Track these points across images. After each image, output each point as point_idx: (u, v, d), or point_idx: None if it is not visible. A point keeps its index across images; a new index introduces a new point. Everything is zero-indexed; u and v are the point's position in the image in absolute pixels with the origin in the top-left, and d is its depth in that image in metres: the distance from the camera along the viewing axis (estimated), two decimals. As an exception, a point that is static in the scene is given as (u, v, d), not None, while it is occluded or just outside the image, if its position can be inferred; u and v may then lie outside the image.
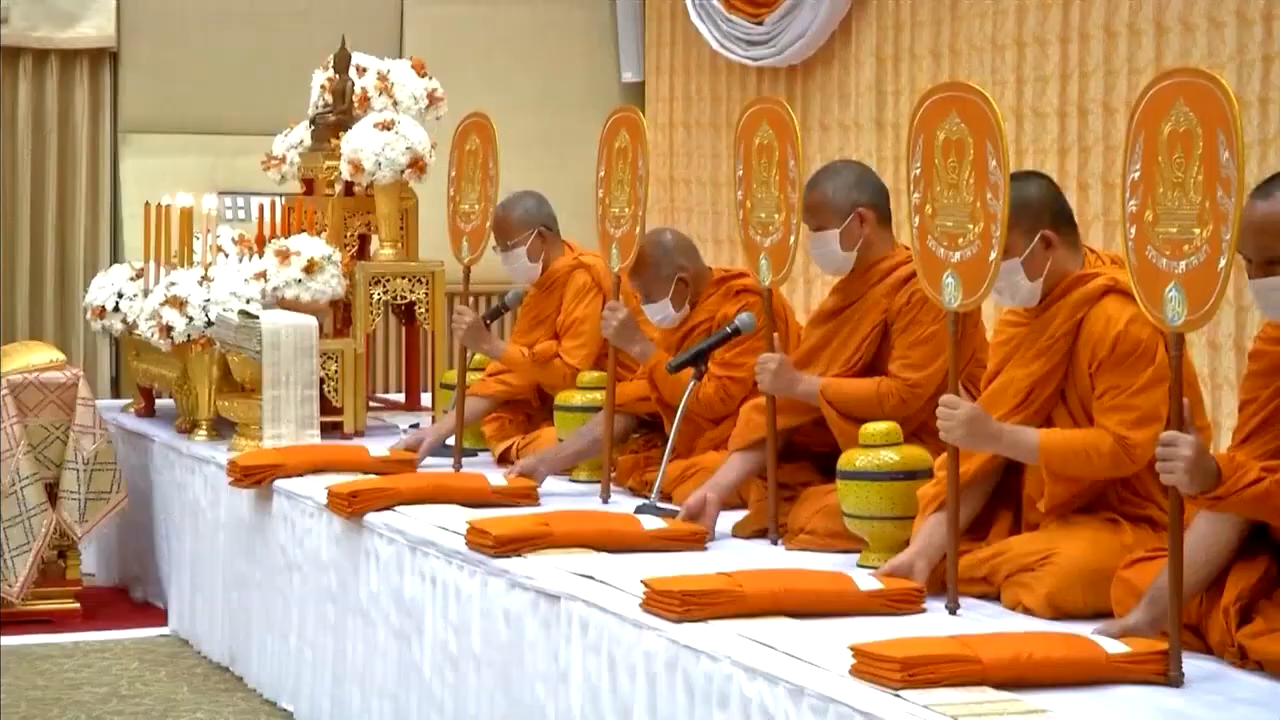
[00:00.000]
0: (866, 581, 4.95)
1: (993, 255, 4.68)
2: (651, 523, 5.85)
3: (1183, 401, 4.28)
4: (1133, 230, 4.32)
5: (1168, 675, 4.11)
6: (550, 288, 7.56)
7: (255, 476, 7.23)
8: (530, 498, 6.44)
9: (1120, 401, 4.88)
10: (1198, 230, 4.18)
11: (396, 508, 6.37)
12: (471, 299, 7.20)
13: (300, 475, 7.15)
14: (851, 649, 4.16)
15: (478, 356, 7.95)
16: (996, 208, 4.61)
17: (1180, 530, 4.30)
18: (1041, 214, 4.98)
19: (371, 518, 6.46)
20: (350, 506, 6.33)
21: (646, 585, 4.90)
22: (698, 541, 5.77)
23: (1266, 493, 4.26)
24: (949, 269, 4.80)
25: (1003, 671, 4.05)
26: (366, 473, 7.00)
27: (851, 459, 5.46)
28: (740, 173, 5.98)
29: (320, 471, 7.12)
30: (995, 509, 5.20)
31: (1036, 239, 4.95)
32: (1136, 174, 4.31)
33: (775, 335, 5.92)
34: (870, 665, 4.10)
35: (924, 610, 4.87)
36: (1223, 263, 4.11)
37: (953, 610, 4.83)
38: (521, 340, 7.55)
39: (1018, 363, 5.09)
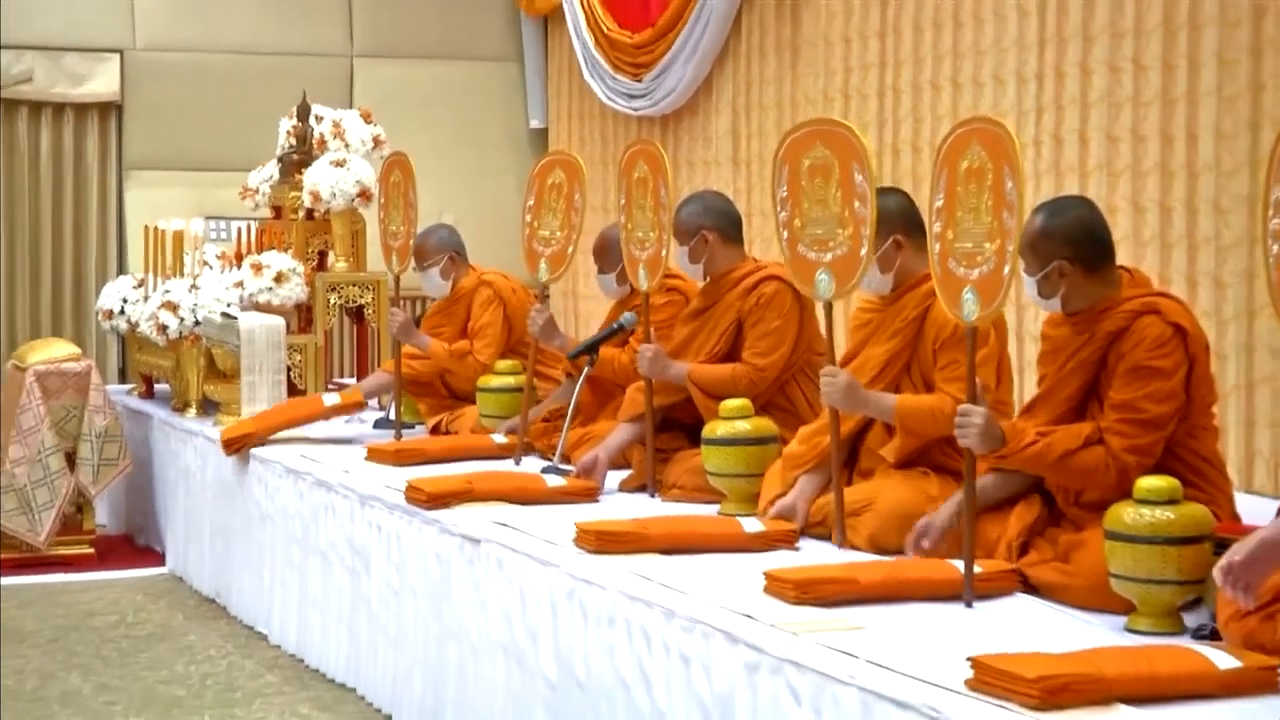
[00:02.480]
0: (751, 524, 4.95)
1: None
2: (554, 480, 5.83)
3: (975, 381, 4.30)
4: (936, 247, 4.33)
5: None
6: (459, 300, 7.55)
7: (235, 445, 7.25)
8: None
9: (960, 373, 4.84)
10: (988, 244, 4.19)
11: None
12: (403, 301, 7.18)
13: (270, 436, 7.24)
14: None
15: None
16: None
17: (974, 481, 4.32)
18: (895, 222, 4.96)
19: (326, 478, 6.44)
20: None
21: (578, 526, 4.89)
22: (591, 496, 5.75)
23: (1040, 453, 4.29)
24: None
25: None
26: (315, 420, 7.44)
27: (714, 429, 5.46)
28: (623, 200, 5.96)
29: (285, 428, 7.27)
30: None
31: (889, 242, 4.95)
32: (940, 202, 4.32)
33: (653, 329, 5.93)
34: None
35: (798, 548, 4.84)
36: (1006, 269, 4.13)
37: (840, 545, 4.82)
38: (440, 336, 7.49)
39: (875, 342, 5.08)
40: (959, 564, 4.23)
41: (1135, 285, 4.46)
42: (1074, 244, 4.33)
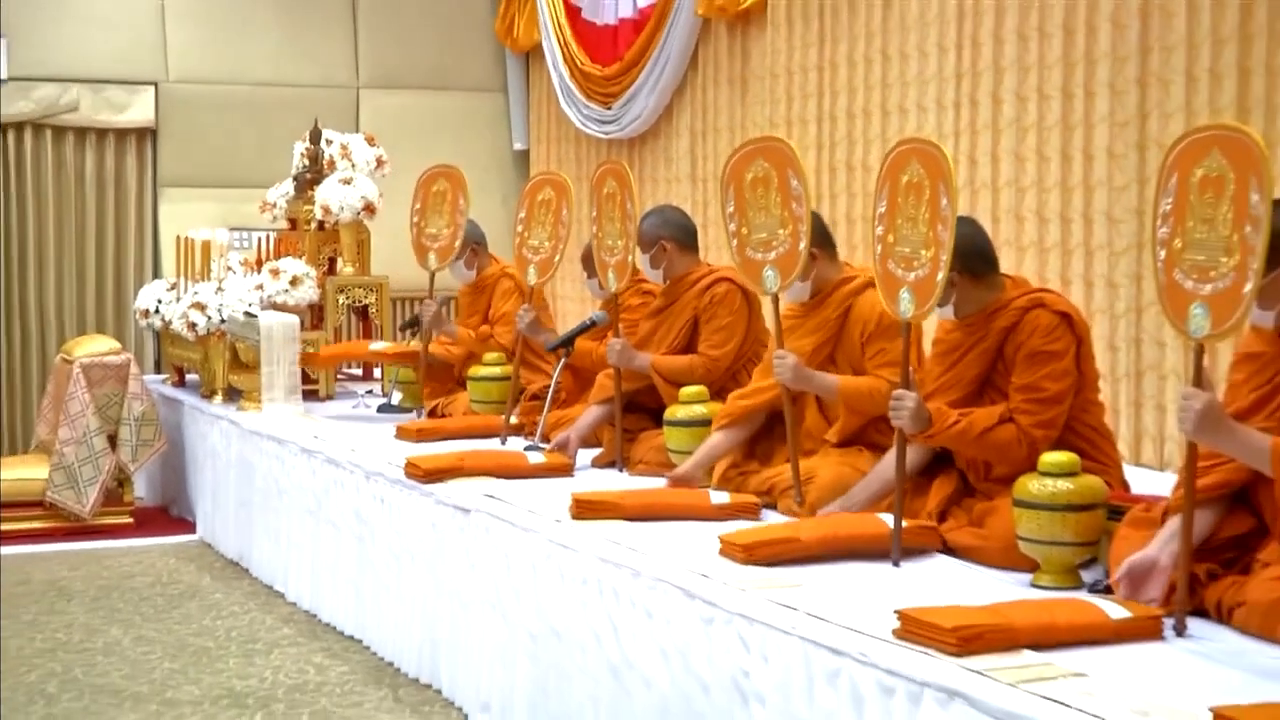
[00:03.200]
0: (717, 497, 4.91)
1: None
2: (535, 457, 5.81)
3: (909, 370, 4.29)
4: (878, 248, 4.30)
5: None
6: (482, 289, 7.49)
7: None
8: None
9: (888, 359, 4.88)
10: (924, 251, 4.16)
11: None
12: (435, 295, 7.04)
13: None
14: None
15: (415, 342, 7.98)
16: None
17: (904, 459, 4.31)
18: (812, 237, 4.95)
19: (336, 457, 6.41)
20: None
21: (573, 496, 4.87)
22: (566, 470, 5.73)
23: (962, 431, 4.28)
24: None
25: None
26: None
27: (674, 412, 5.47)
28: (594, 213, 5.94)
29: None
30: (774, 444, 5.19)
31: (807, 256, 4.93)
32: (883, 208, 4.29)
33: (620, 325, 5.92)
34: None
35: (761, 518, 4.81)
36: (940, 276, 4.10)
37: (801, 505, 4.80)
38: (466, 324, 7.46)
39: (798, 337, 5.07)
40: (888, 518, 4.23)
41: (1017, 286, 4.47)
42: (962, 257, 4.28)
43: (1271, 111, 5.68)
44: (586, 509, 4.82)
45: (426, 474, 5.62)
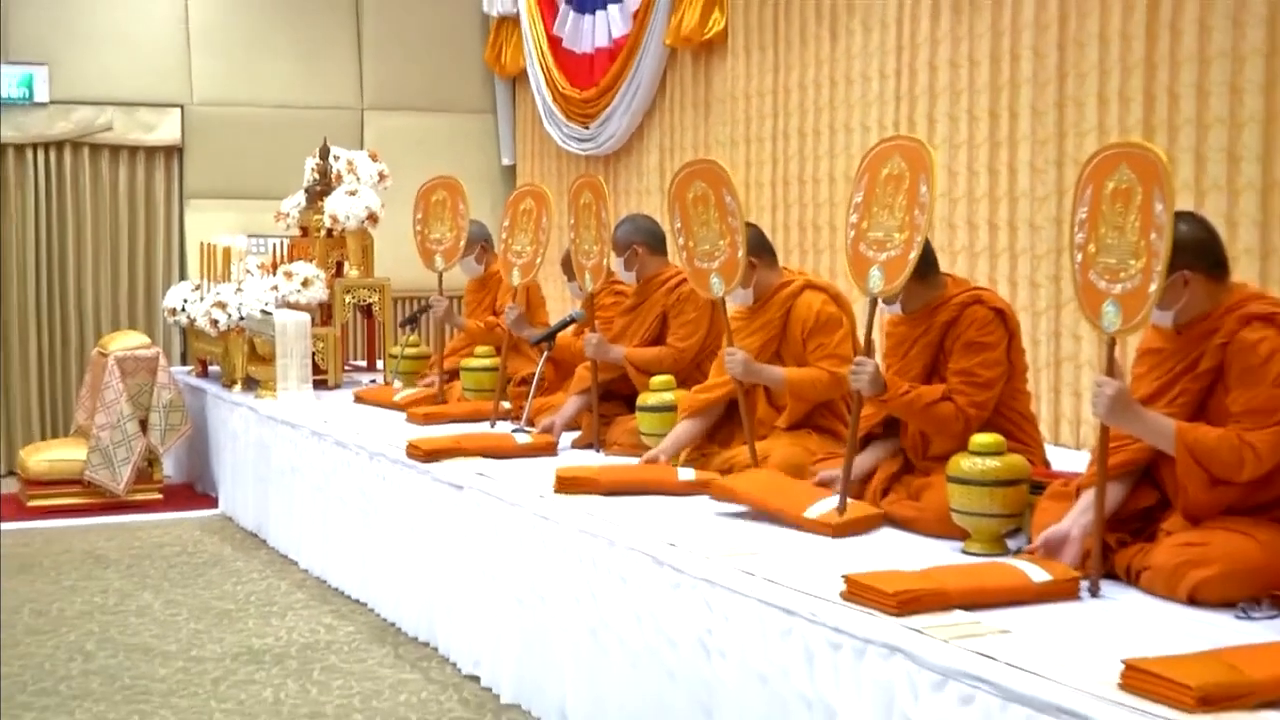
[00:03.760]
0: (684, 473, 4.90)
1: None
2: (522, 438, 5.79)
3: (871, 340, 4.34)
4: (851, 234, 4.29)
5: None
6: (487, 285, 7.48)
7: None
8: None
9: (828, 352, 4.92)
10: (897, 235, 4.15)
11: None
12: (439, 294, 7.02)
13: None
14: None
15: (412, 338, 7.96)
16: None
17: (857, 427, 4.31)
18: (749, 246, 4.94)
19: (343, 439, 6.38)
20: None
21: (556, 473, 4.87)
22: (550, 450, 5.71)
23: (910, 401, 4.28)
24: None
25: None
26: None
27: (645, 398, 5.44)
28: (572, 221, 5.92)
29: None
30: (733, 430, 5.18)
31: (746, 265, 4.91)
32: (859, 198, 4.28)
33: (596, 322, 5.90)
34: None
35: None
36: (913, 255, 4.08)
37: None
38: (474, 317, 7.45)
39: (745, 338, 5.06)
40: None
41: (957, 284, 4.47)
42: None
43: (1173, 131, 5.70)
44: (568, 485, 4.81)
45: (426, 454, 5.60)
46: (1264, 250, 5.35)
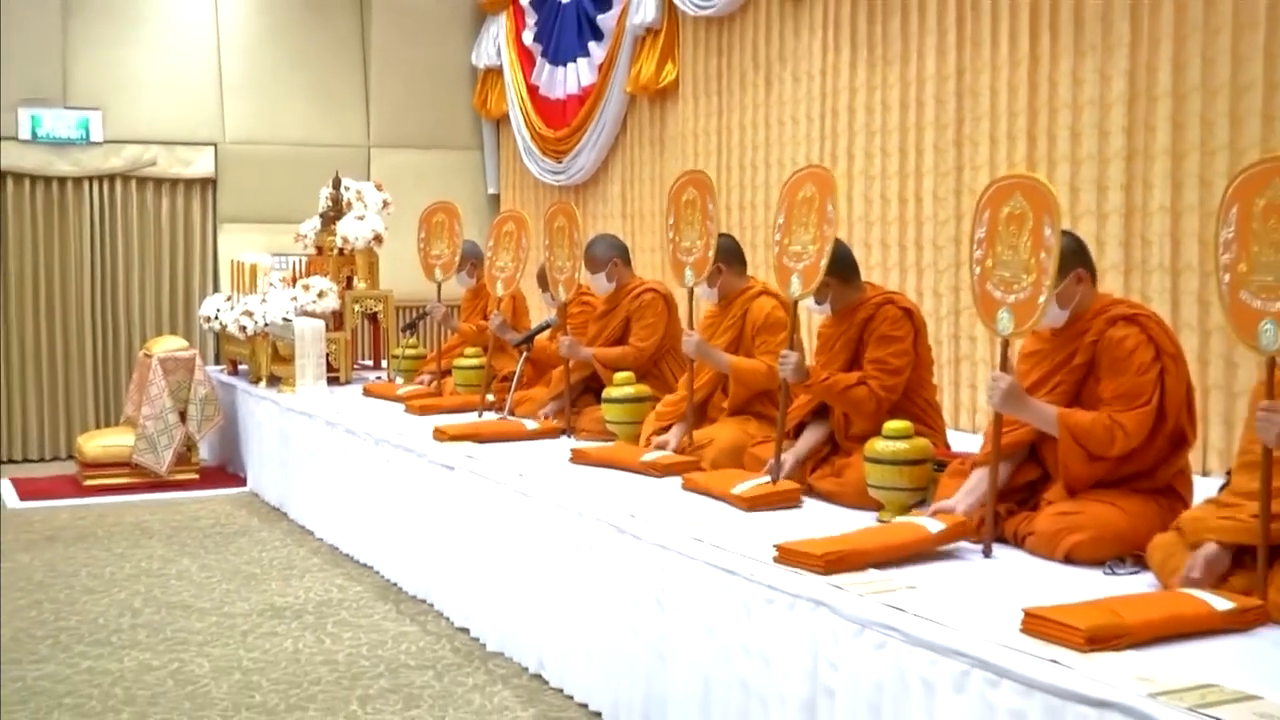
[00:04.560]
0: (649, 455, 4.84)
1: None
2: (530, 425, 5.76)
3: (796, 337, 4.34)
4: (775, 249, 4.27)
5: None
6: (480, 294, 7.44)
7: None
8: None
9: (769, 349, 4.87)
10: (811, 246, 4.12)
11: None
12: (435, 303, 7.06)
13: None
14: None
15: (411, 340, 7.91)
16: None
17: (786, 412, 4.31)
18: (720, 254, 4.90)
19: (352, 427, 6.33)
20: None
21: (572, 450, 4.91)
22: (554, 434, 5.70)
23: (830, 385, 4.27)
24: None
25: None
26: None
27: (610, 392, 5.39)
28: (547, 241, 5.89)
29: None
30: (700, 422, 5.14)
31: (713, 268, 4.90)
32: (781, 220, 4.27)
33: (568, 326, 5.87)
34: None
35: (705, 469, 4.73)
36: (824, 262, 4.06)
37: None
38: (469, 321, 7.41)
39: (715, 336, 5.02)
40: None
41: (874, 289, 4.49)
42: (835, 264, 4.25)
43: (1052, 165, 5.72)
44: (579, 456, 4.89)
45: (451, 437, 5.58)
46: (1127, 266, 5.39)
